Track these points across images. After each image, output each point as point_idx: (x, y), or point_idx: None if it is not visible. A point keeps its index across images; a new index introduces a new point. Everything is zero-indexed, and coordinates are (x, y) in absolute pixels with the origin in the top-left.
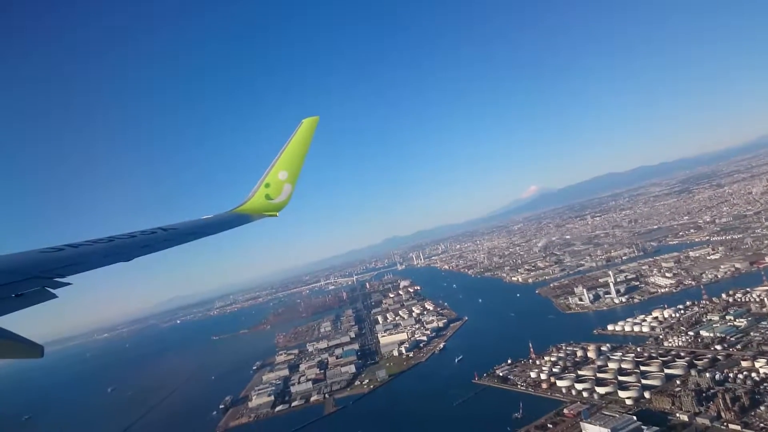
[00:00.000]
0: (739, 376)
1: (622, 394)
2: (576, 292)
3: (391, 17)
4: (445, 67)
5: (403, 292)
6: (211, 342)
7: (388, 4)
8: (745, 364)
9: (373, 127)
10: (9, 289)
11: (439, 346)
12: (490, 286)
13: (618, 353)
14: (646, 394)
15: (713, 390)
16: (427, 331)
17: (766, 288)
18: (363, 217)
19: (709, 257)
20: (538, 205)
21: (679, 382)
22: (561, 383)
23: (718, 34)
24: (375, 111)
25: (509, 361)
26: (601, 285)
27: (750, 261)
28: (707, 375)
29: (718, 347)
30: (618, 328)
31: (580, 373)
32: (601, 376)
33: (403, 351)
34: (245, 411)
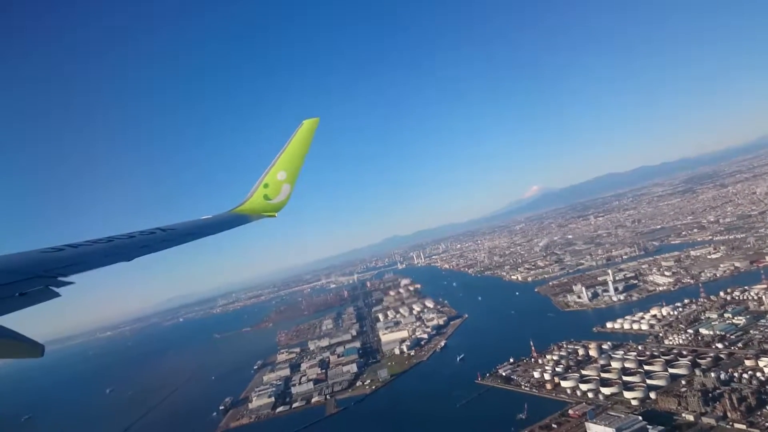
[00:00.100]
0: (744, 376)
1: (628, 395)
2: (575, 290)
3: (391, 17)
4: (445, 67)
5: (403, 291)
6: (213, 340)
7: (388, 4)
8: (749, 362)
9: (374, 127)
10: (13, 288)
11: (441, 344)
12: (490, 284)
13: (620, 352)
14: (652, 394)
15: (719, 390)
16: (427, 329)
17: (764, 286)
18: (364, 217)
19: (709, 256)
20: (540, 205)
21: (684, 382)
22: (565, 384)
23: (718, 34)
24: (375, 110)
25: (511, 360)
26: (600, 283)
27: (750, 260)
28: (712, 375)
29: (719, 345)
30: (617, 326)
31: (584, 373)
32: (605, 376)
33: (405, 349)
34: (246, 412)
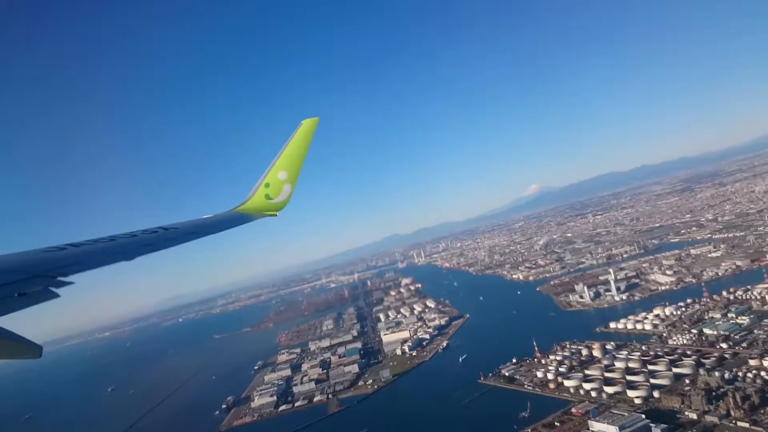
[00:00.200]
0: (748, 375)
1: (631, 394)
2: (576, 289)
3: (391, 17)
4: (445, 66)
5: (404, 290)
6: (213, 341)
7: (388, 4)
8: (753, 362)
9: (374, 126)
10: (12, 288)
11: (443, 344)
12: (491, 283)
13: (624, 352)
14: (655, 393)
15: (723, 389)
16: (429, 329)
17: (766, 285)
18: (364, 216)
19: (710, 255)
20: (540, 203)
21: (688, 381)
22: (569, 383)
23: (718, 34)
24: (375, 110)
25: (514, 360)
26: (602, 282)
27: (751, 259)
28: (716, 374)
29: (724, 345)
30: (620, 326)
31: (588, 372)
32: (608, 375)
33: (407, 350)
34: (248, 410)
